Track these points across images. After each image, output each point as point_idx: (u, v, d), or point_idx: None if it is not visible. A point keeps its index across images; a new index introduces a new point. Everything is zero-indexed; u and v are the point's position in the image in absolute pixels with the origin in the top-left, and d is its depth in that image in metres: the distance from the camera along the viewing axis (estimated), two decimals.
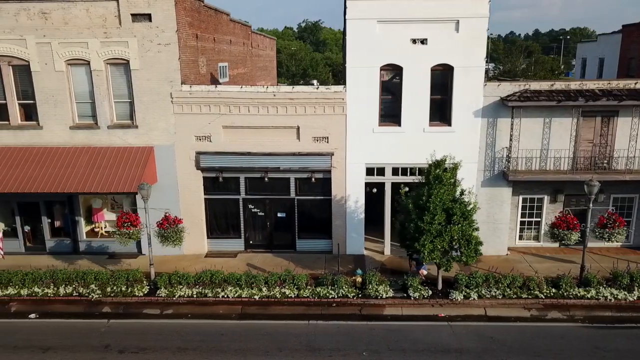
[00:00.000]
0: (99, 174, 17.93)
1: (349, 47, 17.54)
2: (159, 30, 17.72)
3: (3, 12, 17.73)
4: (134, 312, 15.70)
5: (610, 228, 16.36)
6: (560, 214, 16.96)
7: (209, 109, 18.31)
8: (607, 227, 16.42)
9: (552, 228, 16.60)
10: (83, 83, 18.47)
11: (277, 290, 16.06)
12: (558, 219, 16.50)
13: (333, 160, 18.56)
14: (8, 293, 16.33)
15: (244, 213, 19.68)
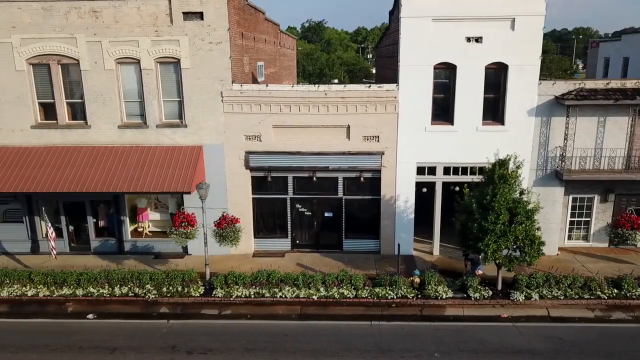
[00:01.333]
0: (150, 174, 17.81)
1: (403, 45, 17.39)
2: (210, 28, 17.59)
3: (54, 10, 17.63)
4: (192, 313, 15.57)
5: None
6: (624, 214, 16.77)
7: (260, 108, 18.18)
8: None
9: (614, 228, 16.43)
10: (132, 82, 18.35)
11: (335, 290, 15.92)
12: (621, 218, 16.33)
13: (383, 159, 18.41)
14: (63, 293, 16.22)
15: (291, 212, 19.55)
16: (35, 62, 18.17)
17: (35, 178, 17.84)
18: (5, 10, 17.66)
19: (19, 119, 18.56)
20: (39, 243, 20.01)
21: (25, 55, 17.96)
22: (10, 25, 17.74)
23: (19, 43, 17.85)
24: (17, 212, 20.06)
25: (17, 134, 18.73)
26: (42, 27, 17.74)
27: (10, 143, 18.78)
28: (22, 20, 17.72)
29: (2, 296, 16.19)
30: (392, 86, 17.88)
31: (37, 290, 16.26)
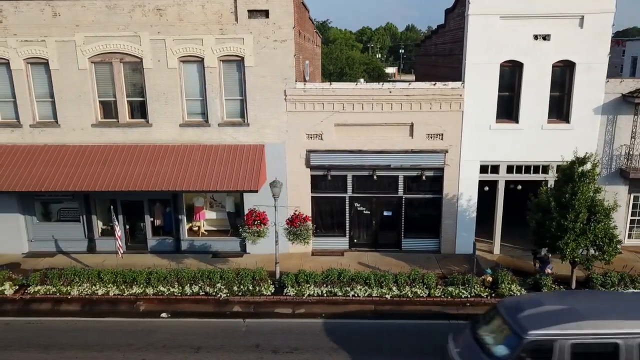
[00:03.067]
0: (214, 172, 17.74)
1: (470, 43, 17.31)
2: (275, 26, 17.53)
3: (118, 9, 17.58)
4: (265, 312, 15.50)
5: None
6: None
7: (322, 106, 18.11)
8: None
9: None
10: (194, 80, 18.30)
11: (408, 289, 15.84)
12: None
13: (447, 157, 18.33)
14: (133, 292, 16.16)
15: (350, 211, 19.48)
16: (98, 61, 18.13)
17: (96, 177, 17.78)
18: (69, 8, 17.63)
19: (79, 117, 18.52)
20: (95, 242, 19.97)
21: (88, 53, 17.92)
22: (74, 24, 17.71)
23: (83, 41, 17.81)
24: (72, 211, 20.03)
25: (77, 133, 18.69)
26: (105, 25, 17.70)
27: (71, 141, 18.75)
28: (85, 18, 17.68)
29: (72, 295, 16.14)
30: (457, 84, 17.79)
31: (107, 289, 16.20)
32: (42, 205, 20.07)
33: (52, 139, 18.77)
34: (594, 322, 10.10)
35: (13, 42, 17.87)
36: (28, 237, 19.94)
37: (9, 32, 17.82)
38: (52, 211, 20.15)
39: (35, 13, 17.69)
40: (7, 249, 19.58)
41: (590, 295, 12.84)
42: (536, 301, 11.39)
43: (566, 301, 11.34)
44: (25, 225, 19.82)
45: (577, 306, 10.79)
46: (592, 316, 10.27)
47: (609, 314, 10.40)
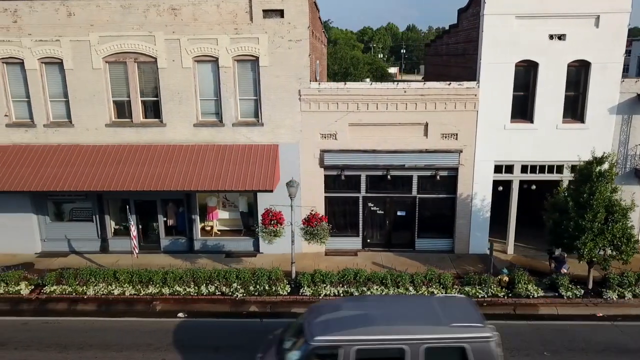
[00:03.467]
0: (229, 172, 17.74)
1: (485, 42, 17.30)
2: (290, 26, 17.51)
3: (132, 8, 17.57)
4: (282, 311, 15.47)
5: None
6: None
7: (337, 106, 18.10)
8: None
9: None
10: (208, 80, 18.28)
11: (425, 289, 15.82)
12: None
13: (461, 157, 18.32)
14: (150, 292, 16.14)
15: (363, 211, 19.46)
16: (112, 60, 18.11)
17: (110, 177, 17.77)
18: (84, 8, 17.62)
19: (93, 117, 18.51)
20: (108, 242, 19.97)
21: (103, 53, 17.91)
22: (89, 24, 17.70)
23: (97, 41, 17.80)
24: (84, 210, 20.02)
25: (91, 132, 18.68)
26: (120, 25, 17.69)
27: (85, 141, 18.74)
28: (100, 18, 17.68)
29: (88, 295, 16.13)
30: (472, 84, 17.77)
31: (123, 288, 16.19)
32: (54, 205, 20.07)
33: (65, 139, 18.76)
34: (381, 328, 10.01)
35: (27, 41, 17.86)
36: (41, 237, 19.94)
37: (24, 31, 17.82)
38: (64, 211, 20.14)
39: (50, 13, 17.68)
40: (21, 249, 19.56)
41: (391, 300, 12.27)
42: (336, 306, 11.25)
43: (364, 306, 11.16)
44: (38, 224, 19.82)
45: (373, 312, 10.69)
46: (382, 322, 10.20)
47: (400, 320, 10.31)
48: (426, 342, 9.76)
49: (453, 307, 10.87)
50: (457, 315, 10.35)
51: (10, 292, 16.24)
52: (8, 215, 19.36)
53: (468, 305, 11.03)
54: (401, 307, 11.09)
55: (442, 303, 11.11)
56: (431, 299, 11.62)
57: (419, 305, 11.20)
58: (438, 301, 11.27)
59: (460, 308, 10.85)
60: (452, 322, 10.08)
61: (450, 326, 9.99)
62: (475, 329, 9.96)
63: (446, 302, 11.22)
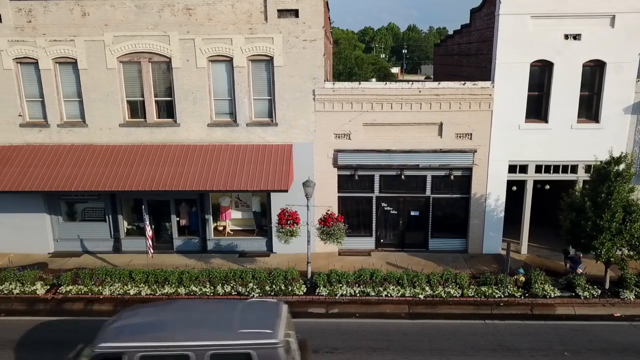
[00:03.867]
0: (244, 172, 17.73)
1: (500, 42, 17.28)
2: (305, 26, 17.50)
3: (147, 8, 17.57)
4: (299, 311, 15.35)
5: None
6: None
7: (351, 106, 18.09)
8: None
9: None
10: (223, 80, 18.28)
11: (441, 289, 15.82)
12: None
13: (475, 157, 18.31)
14: (165, 292, 16.13)
15: (377, 211, 19.45)
16: (126, 60, 18.11)
17: (124, 177, 17.75)
18: (98, 8, 17.61)
19: (107, 117, 18.51)
20: (121, 242, 19.96)
21: (117, 53, 17.90)
22: (103, 23, 17.69)
23: (111, 41, 17.79)
24: (97, 210, 20.03)
25: (104, 132, 18.68)
26: (134, 24, 17.68)
27: (98, 141, 18.74)
28: (114, 18, 17.67)
29: (105, 295, 16.13)
30: (487, 84, 17.76)
31: (139, 288, 16.18)
32: (67, 205, 20.06)
33: (79, 139, 18.76)
34: (168, 334, 9.94)
35: (42, 41, 17.86)
36: (54, 237, 19.94)
37: (38, 31, 17.81)
38: (76, 211, 20.14)
39: (65, 13, 17.68)
40: (34, 249, 19.57)
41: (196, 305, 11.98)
42: (140, 311, 11.17)
43: (166, 311, 11.16)
44: (51, 224, 19.82)
45: (170, 317, 10.68)
46: (172, 328, 10.15)
47: (191, 326, 10.21)
48: (211, 349, 9.67)
49: (255, 313, 10.77)
50: (252, 321, 10.29)
51: (27, 292, 16.24)
52: (21, 215, 19.35)
53: (273, 311, 10.83)
54: (201, 313, 10.98)
55: (247, 308, 11.01)
56: (239, 304, 11.42)
57: (220, 311, 11.09)
58: (244, 306, 11.16)
59: (262, 313, 10.72)
60: (241, 329, 10.01)
61: (238, 332, 9.93)
62: (263, 335, 9.86)
63: (251, 308, 11.11)
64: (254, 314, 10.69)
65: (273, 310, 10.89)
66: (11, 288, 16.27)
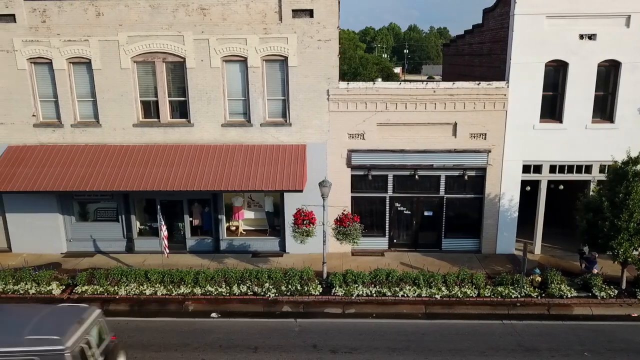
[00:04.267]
0: (259, 172, 17.73)
1: (515, 42, 17.26)
2: (320, 26, 17.50)
3: (161, 8, 17.57)
4: (315, 312, 15.46)
5: None
6: None
7: (365, 106, 18.08)
8: None
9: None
10: (237, 80, 18.27)
11: (457, 289, 15.80)
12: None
13: (489, 157, 18.30)
14: (181, 292, 16.12)
15: (390, 211, 19.44)
16: (140, 60, 18.11)
17: (139, 177, 17.76)
18: (112, 8, 17.62)
19: (121, 117, 18.51)
20: (134, 242, 19.96)
21: (131, 53, 17.90)
22: (117, 23, 17.69)
23: (126, 41, 17.79)
24: (109, 210, 20.03)
25: (118, 133, 18.68)
26: (149, 24, 17.68)
27: (112, 141, 18.74)
28: (129, 18, 17.67)
29: (120, 295, 16.12)
30: (501, 83, 17.75)
31: (155, 289, 16.17)
32: (79, 205, 20.06)
33: (93, 139, 18.76)
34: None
35: (56, 41, 17.86)
36: (66, 237, 19.94)
37: (52, 32, 17.82)
38: (89, 211, 20.14)
39: (79, 13, 17.68)
40: (47, 249, 19.57)
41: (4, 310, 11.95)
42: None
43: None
44: (64, 224, 19.82)
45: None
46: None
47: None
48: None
49: (55, 318, 10.84)
50: (45, 328, 10.35)
51: (42, 292, 16.25)
52: (34, 215, 19.36)
53: (75, 316, 10.91)
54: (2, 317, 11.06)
55: (50, 314, 11.08)
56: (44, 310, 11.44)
57: (16, 316, 11.14)
58: (49, 312, 11.22)
59: (62, 319, 10.78)
60: (29, 335, 10.12)
61: (24, 339, 10.04)
62: (49, 341, 9.98)
63: (55, 313, 11.17)
64: (53, 320, 10.79)
65: (76, 315, 11.01)
66: (27, 288, 16.28)
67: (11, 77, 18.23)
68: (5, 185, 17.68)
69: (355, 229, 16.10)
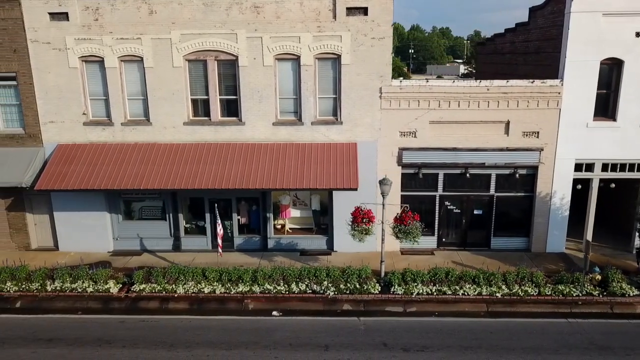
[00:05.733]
0: (311, 170, 17.69)
1: (571, 40, 17.20)
2: (374, 24, 17.45)
3: (215, 6, 17.53)
4: (376, 310, 15.41)
5: None
6: None
7: (418, 104, 18.04)
8: None
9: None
10: (288, 78, 18.24)
11: (517, 288, 15.74)
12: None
13: (542, 155, 18.24)
14: (240, 290, 16.08)
15: (439, 210, 19.39)
16: (192, 59, 18.08)
17: (193, 175, 17.76)
18: (166, 6, 17.59)
19: (172, 115, 18.48)
20: (181, 240, 19.92)
21: (184, 51, 17.87)
22: (170, 22, 17.67)
23: (178, 39, 17.77)
24: (154, 209, 20.02)
25: (168, 131, 18.64)
26: (202, 23, 17.65)
27: (162, 140, 18.71)
28: (182, 16, 17.64)
29: (179, 293, 16.09)
30: (555, 82, 17.69)
31: (213, 287, 16.12)
32: (125, 204, 20.04)
33: (142, 137, 18.73)
34: None
35: (108, 40, 17.84)
36: (113, 236, 19.92)
37: (105, 30, 17.79)
38: (134, 209, 20.13)
39: (132, 11, 17.66)
40: (94, 248, 19.55)
41: None
42: None
43: None
44: (111, 223, 19.79)
45: None
46: None
47: None
48: None
49: None
50: None
51: (100, 290, 16.21)
52: (82, 214, 19.34)
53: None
54: None
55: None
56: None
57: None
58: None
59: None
60: None
61: None
62: None
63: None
64: None
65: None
66: (85, 286, 16.25)
67: (62, 76, 18.21)
68: (59, 184, 17.68)
69: (416, 227, 16.04)
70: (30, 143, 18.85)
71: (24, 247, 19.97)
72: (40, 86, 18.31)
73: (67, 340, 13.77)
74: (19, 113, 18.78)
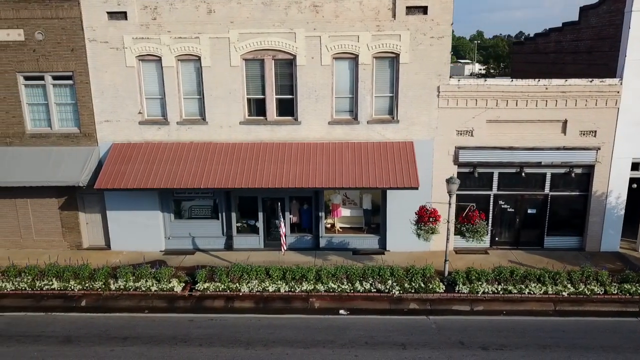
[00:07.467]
0: (369, 169, 17.70)
1: (632, 39, 17.18)
2: (433, 23, 17.45)
3: (274, 5, 17.54)
4: (443, 309, 15.42)
5: None
6: None
7: (475, 102, 18.03)
8: None
9: None
10: (345, 77, 18.24)
11: (583, 287, 15.73)
12: None
13: (598, 154, 18.23)
14: (304, 289, 16.10)
15: (494, 209, 19.38)
16: (250, 58, 18.09)
17: (247, 174, 17.77)
18: (224, 5, 17.60)
19: (228, 114, 18.49)
20: (233, 239, 19.94)
21: (241, 50, 17.88)
22: (229, 21, 17.68)
23: (237, 38, 17.78)
24: (204, 208, 20.06)
25: (224, 130, 18.66)
26: (260, 22, 17.66)
27: (217, 139, 18.73)
28: (240, 15, 17.66)
29: (243, 292, 16.11)
30: (614, 80, 17.67)
31: (277, 285, 16.14)
32: (175, 203, 20.06)
33: (198, 137, 18.75)
34: None
35: (166, 39, 17.86)
36: (165, 235, 19.94)
37: (163, 29, 17.82)
38: (184, 209, 20.15)
39: (190, 10, 17.67)
40: (147, 247, 19.57)
41: None
42: None
43: None
44: (164, 222, 19.81)
45: None
46: None
47: None
48: None
49: None
50: None
51: (164, 289, 16.25)
52: (136, 213, 19.37)
53: None
54: None
55: None
56: None
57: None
58: None
59: None
60: None
61: None
62: None
63: None
64: None
65: None
66: (148, 285, 16.27)
67: (119, 75, 18.24)
68: (118, 183, 17.71)
69: (482, 226, 16.04)
70: (85, 142, 18.89)
71: (76, 246, 20.01)
72: (97, 85, 18.34)
73: (142, 338, 13.80)
74: (74, 112, 18.81)
